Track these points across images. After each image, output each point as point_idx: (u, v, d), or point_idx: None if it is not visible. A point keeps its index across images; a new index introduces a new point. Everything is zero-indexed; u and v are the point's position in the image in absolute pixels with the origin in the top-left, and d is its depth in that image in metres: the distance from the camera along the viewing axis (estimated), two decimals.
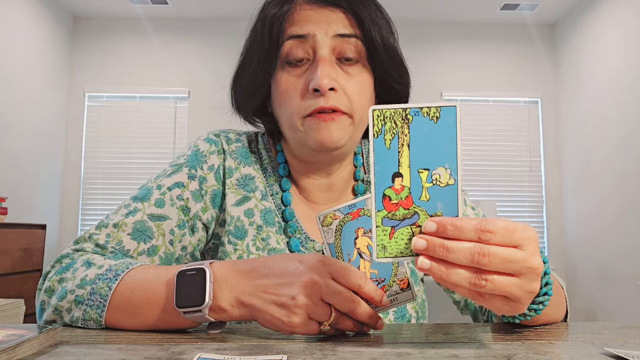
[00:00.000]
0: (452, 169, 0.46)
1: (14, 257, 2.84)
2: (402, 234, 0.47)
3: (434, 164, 0.46)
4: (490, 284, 0.45)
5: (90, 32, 4.33)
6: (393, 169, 0.46)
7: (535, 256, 0.46)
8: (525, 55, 4.39)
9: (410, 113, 0.46)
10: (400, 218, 0.47)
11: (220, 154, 0.80)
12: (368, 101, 0.75)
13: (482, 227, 0.44)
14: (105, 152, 4.26)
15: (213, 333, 0.56)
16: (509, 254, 0.45)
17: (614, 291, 3.54)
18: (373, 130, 0.46)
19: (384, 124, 0.46)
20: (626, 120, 3.41)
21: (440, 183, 0.46)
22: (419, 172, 0.46)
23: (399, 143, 0.46)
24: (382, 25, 0.74)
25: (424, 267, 0.45)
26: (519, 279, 0.46)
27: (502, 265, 0.45)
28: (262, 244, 0.76)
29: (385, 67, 0.75)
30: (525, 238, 0.46)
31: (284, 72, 0.74)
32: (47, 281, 0.65)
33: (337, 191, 0.83)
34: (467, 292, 0.47)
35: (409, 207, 0.46)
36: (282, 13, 0.73)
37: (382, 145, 0.46)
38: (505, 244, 0.45)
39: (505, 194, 4.32)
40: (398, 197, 0.46)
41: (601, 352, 0.49)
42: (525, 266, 0.45)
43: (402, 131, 0.46)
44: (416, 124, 0.46)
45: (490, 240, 0.45)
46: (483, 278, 0.45)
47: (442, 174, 0.46)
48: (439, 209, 0.46)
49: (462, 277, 0.45)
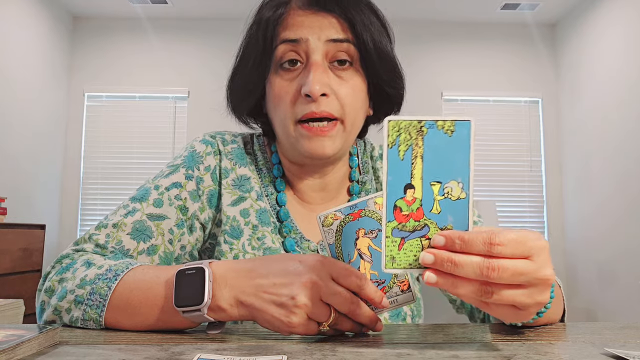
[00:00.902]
0: (464, 182, 0.46)
1: (13, 257, 2.84)
2: (412, 246, 0.47)
3: (447, 177, 0.46)
4: (497, 296, 0.45)
5: (89, 32, 4.33)
6: (405, 181, 0.46)
7: (546, 267, 0.46)
8: (525, 55, 4.39)
9: (425, 125, 0.46)
10: (411, 230, 0.47)
11: (217, 154, 0.81)
12: (361, 105, 0.76)
13: (492, 240, 0.44)
14: (105, 152, 4.26)
15: (212, 333, 0.56)
16: (519, 266, 0.44)
17: (614, 292, 3.54)
18: (387, 140, 0.46)
19: (399, 135, 0.46)
20: (627, 121, 3.40)
21: (452, 196, 0.46)
22: (431, 184, 0.46)
23: (413, 155, 0.46)
24: (374, 30, 0.74)
25: (431, 281, 0.45)
26: (528, 289, 0.45)
27: (512, 279, 0.44)
28: (257, 243, 0.76)
29: (378, 72, 0.76)
30: (536, 248, 0.45)
31: (277, 75, 0.74)
32: (47, 281, 0.65)
33: (332, 191, 0.84)
34: (473, 301, 0.46)
35: (419, 219, 0.47)
36: (276, 17, 0.74)
37: (396, 156, 0.46)
38: (516, 256, 0.44)
39: (506, 194, 4.32)
40: (409, 208, 0.46)
41: (601, 353, 0.49)
42: (535, 277, 0.45)
43: (417, 143, 0.46)
44: (430, 136, 0.46)
45: (500, 254, 0.44)
46: (490, 290, 0.44)
47: (454, 188, 0.46)
48: (450, 222, 0.46)
49: (469, 290, 0.45)
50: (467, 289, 0.45)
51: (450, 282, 0.45)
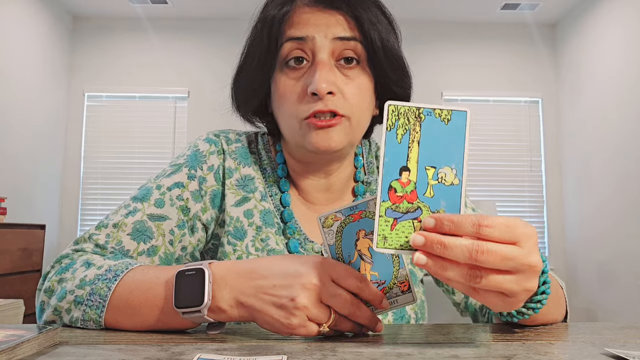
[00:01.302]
0: (458, 169, 0.48)
1: (13, 258, 2.84)
2: (404, 227, 0.48)
3: (441, 163, 0.48)
4: (485, 281, 0.45)
5: (89, 32, 4.33)
6: (401, 163, 0.48)
7: (534, 253, 0.46)
8: (525, 55, 4.39)
9: (423, 112, 0.48)
10: (404, 211, 0.48)
11: (220, 154, 0.79)
12: (367, 104, 0.75)
13: (481, 222, 0.45)
14: (105, 152, 4.26)
15: (212, 333, 0.56)
16: (507, 251, 0.45)
17: (614, 292, 3.54)
18: (387, 123, 0.48)
19: (398, 119, 0.48)
20: (627, 121, 3.40)
21: (446, 182, 0.48)
22: (426, 168, 0.48)
23: (410, 139, 0.48)
24: (382, 28, 0.73)
25: (420, 262, 0.46)
26: (516, 275, 0.46)
27: (500, 263, 0.45)
28: (261, 244, 0.76)
29: (385, 71, 0.74)
30: (524, 234, 0.46)
31: (283, 74, 0.73)
32: (47, 281, 0.64)
33: (337, 192, 0.83)
34: (461, 286, 0.47)
35: (413, 201, 0.48)
36: (282, 15, 0.73)
37: (394, 139, 0.48)
38: (504, 240, 0.45)
39: (506, 194, 4.32)
40: (404, 190, 0.48)
41: (601, 353, 0.49)
42: (523, 263, 0.45)
43: (414, 128, 0.48)
44: (428, 123, 0.48)
45: (488, 236, 0.45)
46: (479, 275, 0.45)
47: (448, 174, 0.48)
48: (442, 207, 0.48)
49: (458, 273, 0.45)
50: (455, 272, 0.45)
51: (440, 264, 0.46)
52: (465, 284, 0.46)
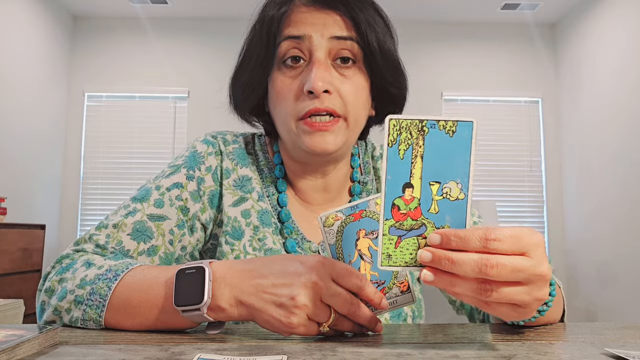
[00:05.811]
0: (464, 184, 0.46)
1: (13, 258, 2.84)
2: (408, 244, 0.47)
3: (446, 178, 0.46)
4: (496, 294, 0.44)
5: (89, 32, 4.33)
6: (404, 180, 0.46)
7: (543, 262, 0.46)
8: (525, 55, 4.39)
9: (426, 125, 0.46)
10: (408, 228, 0.47)
11: (218, 155, 0.80)
12: (363, 104, 0.76)
13: (488, 235, 0.44)
14: (105, 152, 4.26)
15: (212, 333, 0.56)
16: (517, 262, 0.44)
17: (614, 292, 3.54)
18: (388, 139, 0.46)
19: (400, 133, 0.46)
20: (627, 121, 3.40)
21: (451, 197, 0.46)
22: (430, 184, 0.46)
23: (413, 154, 0.46)
24: (379, 29, 0.74)
25: (428, 279, 0.45)
26: (527, 286, 0.45)
27: (511, 275, 0.44)
28: (258, 244, 0.76)
29: (381, 71, 0.75)
30: (533, 244, 0.45)
31: (280, 73, 0.74)
32: (47, 281, 0.65)
33: (333, 192, 0.83)
34: (471, 300, 0.46)
35: (417, 218, 0.47)
36: (280, 14, 0.74)
37: (396, 155, 0.46)
38: (513, 252, 0.44)
39: (506, 194, 4.32)
40: (407, 207, 0.47)
41: (601, 353, 0.49)
42: (533, 273, 0.45)
43: (417, 142, 0.46)
44: (432, 136, 0.46)
45: (497, 249, 0.44)
46: (489, 289, 0.44)
47: (453, 188, 0.46)
48: (447, 222, 0.47)
49: (467, 288, 0.45)
50: (464, 287, 0.45)
51: (448, 280, 0.45)
52: (476, 298, 0.45)
